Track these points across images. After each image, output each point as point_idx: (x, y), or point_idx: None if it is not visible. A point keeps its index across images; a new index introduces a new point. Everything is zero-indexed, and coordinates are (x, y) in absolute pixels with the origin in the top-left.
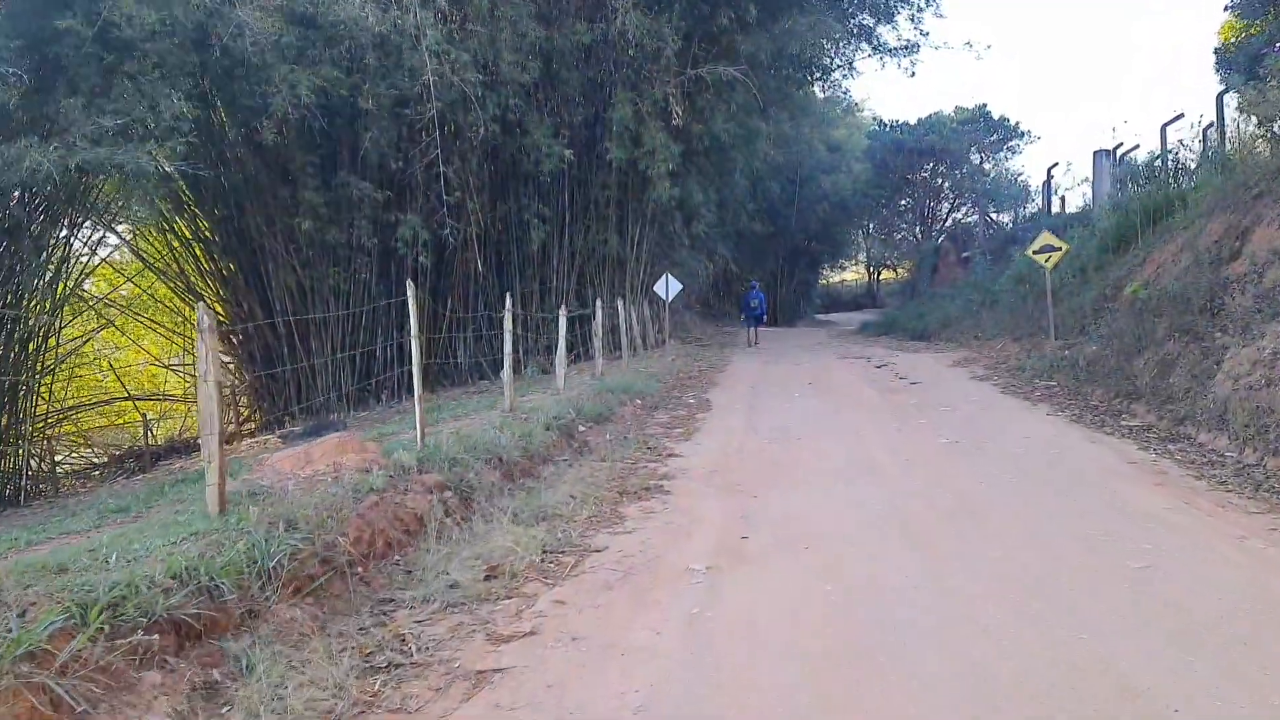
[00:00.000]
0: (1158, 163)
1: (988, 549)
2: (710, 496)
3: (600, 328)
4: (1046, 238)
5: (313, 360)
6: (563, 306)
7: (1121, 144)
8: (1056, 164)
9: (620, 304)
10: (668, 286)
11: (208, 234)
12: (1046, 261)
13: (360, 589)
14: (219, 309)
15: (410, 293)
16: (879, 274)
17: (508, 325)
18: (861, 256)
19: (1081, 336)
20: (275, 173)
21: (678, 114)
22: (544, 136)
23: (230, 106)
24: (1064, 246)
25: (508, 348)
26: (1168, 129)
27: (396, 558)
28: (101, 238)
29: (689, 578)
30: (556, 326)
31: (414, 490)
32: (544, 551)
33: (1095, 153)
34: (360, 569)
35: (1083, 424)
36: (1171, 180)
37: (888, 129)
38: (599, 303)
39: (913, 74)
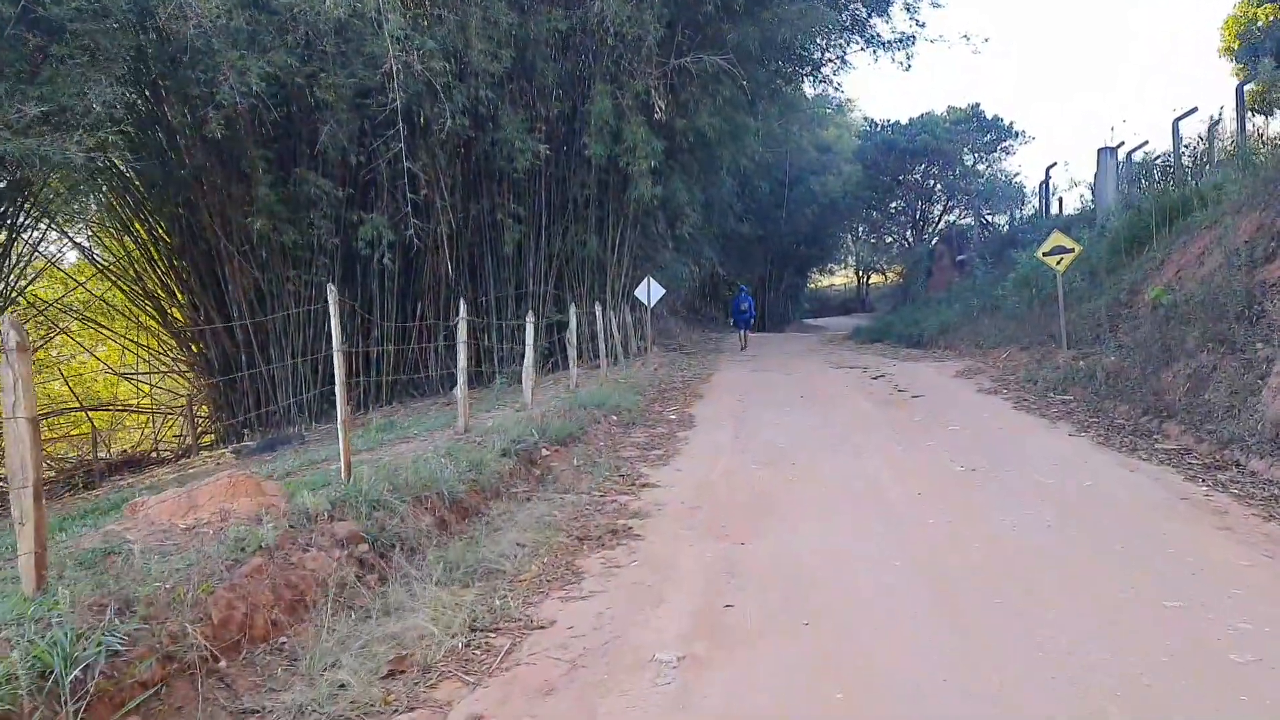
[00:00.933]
0: (1171, 159)
1: (1044, 632)
2: (688, 541)
3: (574, 335)
4: (1058, 238)
5: (272, 368)
6: (530, 313)
7: (1123, 142)
8: (1055, 164)
9: (598, 309)
10: (649, 291)
11: (165, 235)
12: (1058, 264)
13: (217, 694)
14: (177, 314)
15: (331, 298)
16: (868, 278)
17: (461, 335)
18: (851, 260)
19: (1097, 345)
20: (229, 168)
21: (660, 108)
22: (517, 131)
23: (177, 96)
24: (1076, 248)
25: (461, 361)
26: (1180, 123)
27: (282, 640)
28: (40, 238)
29: (655, 673)
30: (516, 330)
31: (318, 545)
32: (471, 630)
33: (1100, 150)
34: (223, 663)
35: (1112, 447)
36: (1189, 177)
37: (879, 129)
38: (573, 308)
39: (908, 67)
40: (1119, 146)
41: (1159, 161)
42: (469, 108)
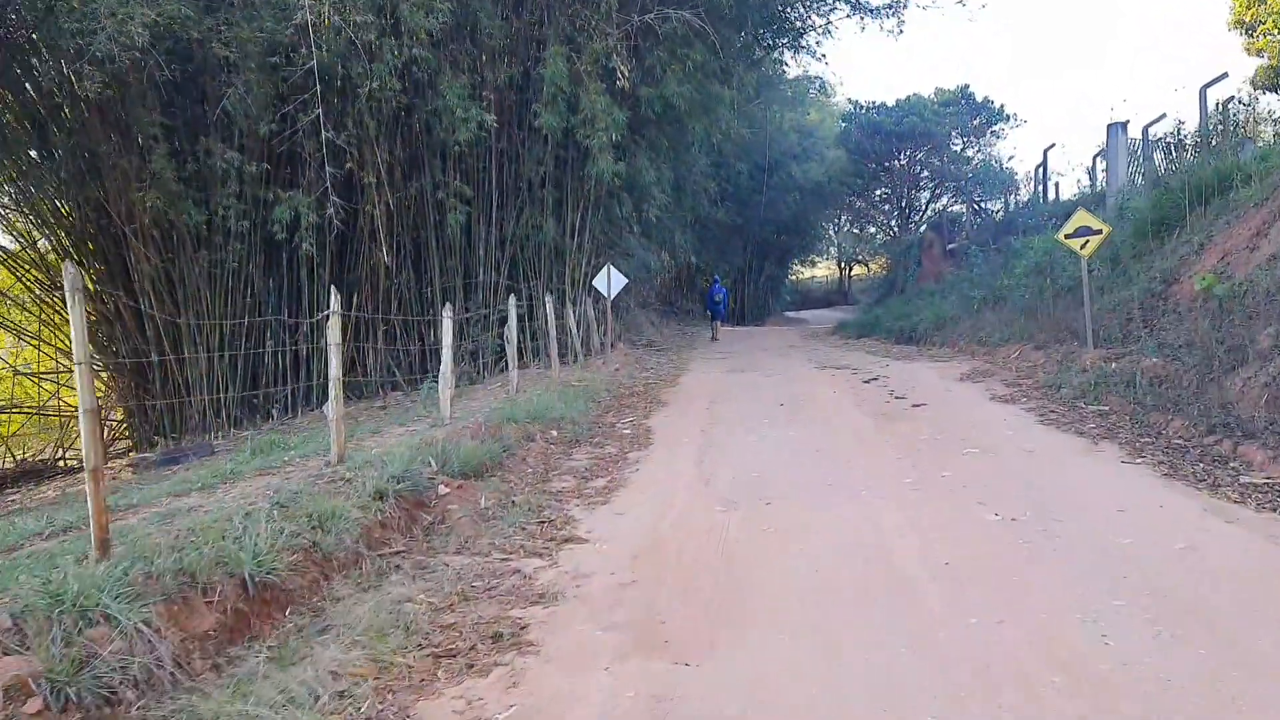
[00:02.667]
0: (1195, 132)
1: None
2: (603, 660)
3: (514, 332)
4: (1082, 218)
5: (186, 371)
6: (447, 306)
7: (1129, 121)
8: (1053, 145)
9: (548, 301)
10: (610, 280)
11: (69, 218)
12: (1081, 248)
13: None
14: (88, 308)
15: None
16: (850, 270)
17: (333, 337)
18: (833, 251)
19: (1130, 344)
20: (123, 137)
21: (623, 74)
22: (459, 98)
23: (52, 50)
24: (1104, 228)
25: (334, 369)
26: (1208, 91)
27: None
28: None
29: None
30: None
31: None
32: None
33: (1109, 126)
34: None
35: (1183, 480)
36: (1228, 149)
37: (864, 111)
38: (513, 301)
39: (900, 33)
40: (1128, 122)
41: (1185, 135)
42: (401, 70)
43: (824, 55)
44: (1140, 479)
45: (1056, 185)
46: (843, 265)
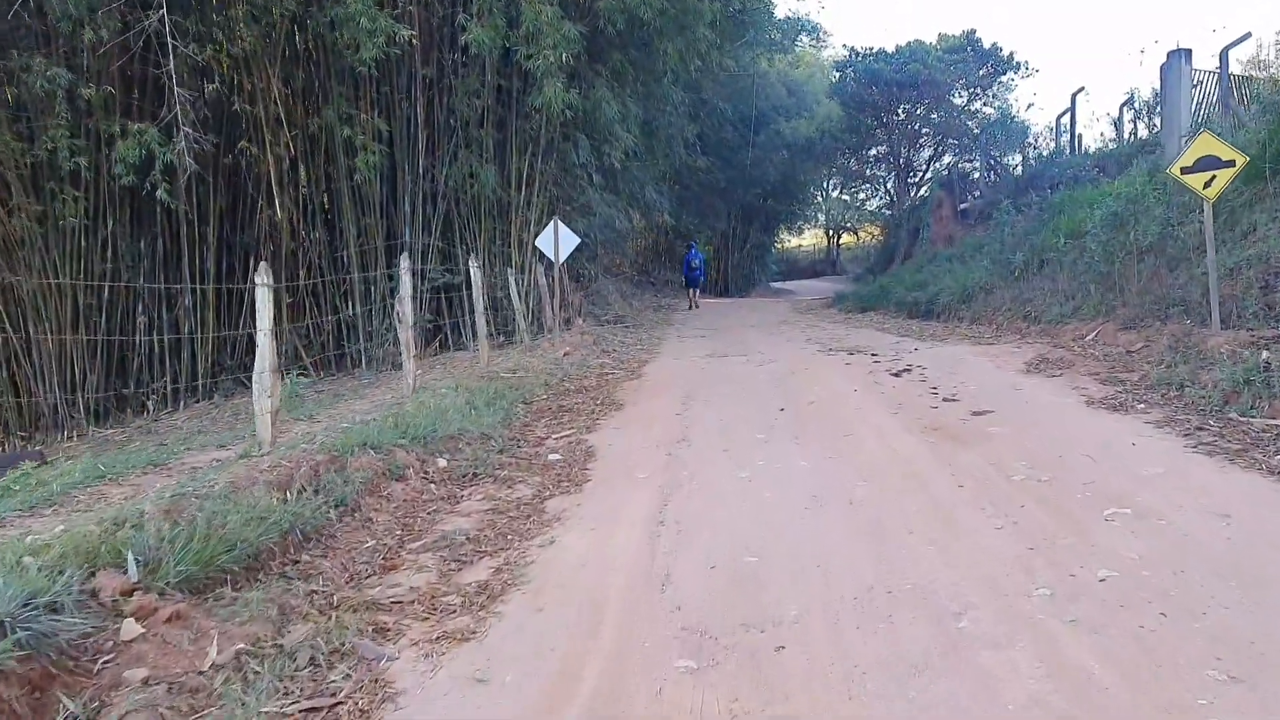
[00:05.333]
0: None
1: None
2: None
3: (408, 305)
4: (1207, 144)
5: (33, 354)
6: (261, 273)
7: (1192, 49)
8: (1082, 88)
9: (472, 266)
10: (557, 239)
11: None
12: (1206, 186)
13: None
14: None
15: None
16: (839, 239)
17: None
18: (821, 219)
19: (1276, 323)
20: None
21: None
22: (363, 4)
23: None
24: (1238, 158)
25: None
26: None
27: None
28: None
29: None
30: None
31: None
32: None
33: (1170, 54)
34: None
35: None
36: None
37: (860, 58)
38: (405, 261)
39: None
40: (1191, 51)
41: None
42: None
43: None
44: None
45: (1079, 137)
46: (831, 234)
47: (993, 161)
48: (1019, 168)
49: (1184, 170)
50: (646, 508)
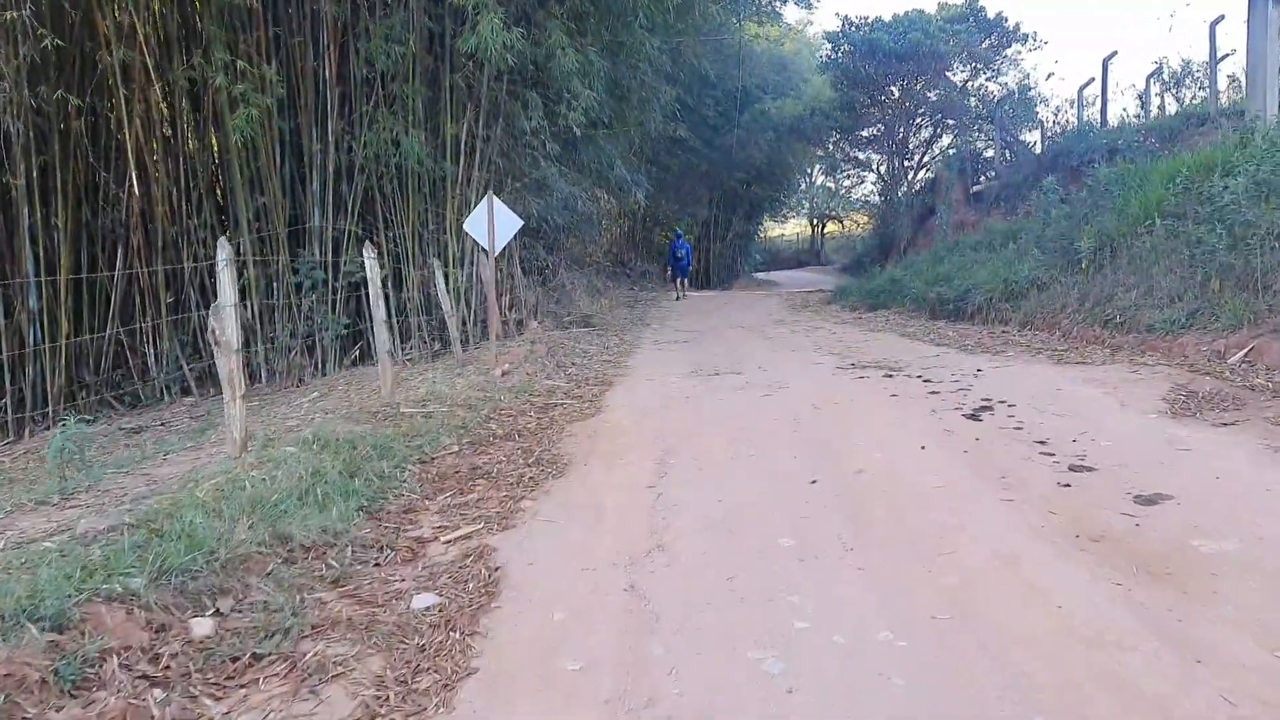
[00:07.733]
0: None
1: None
2: None
3: (229, 324)
4: None
5: None
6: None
7: None
8: (1114, 53)
9: (368, 256)
10: (492, 221)
11: None
12: None
13: None
14: None
15: None
16: (823, 228)
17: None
18: (805, 206)
19: None
20: None
21: None
22: None
23: None
24: None
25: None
26: None
27: None
28: None
29: None
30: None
31: None
32: None
33: (1252, 1)
34: None
35: None
36: None
37: (855, 28)
38: (224, 252)
39: None
40: None
41: None
42: None
43: None
44: None
45: (1103, 112)
46: (815, 223)
47: (1010, 139)
48: (1037, 145)
49: None
50: None
